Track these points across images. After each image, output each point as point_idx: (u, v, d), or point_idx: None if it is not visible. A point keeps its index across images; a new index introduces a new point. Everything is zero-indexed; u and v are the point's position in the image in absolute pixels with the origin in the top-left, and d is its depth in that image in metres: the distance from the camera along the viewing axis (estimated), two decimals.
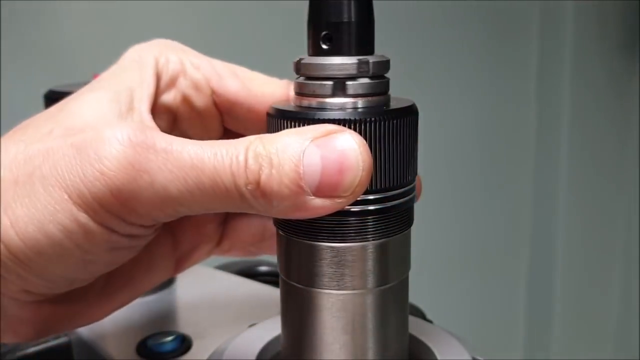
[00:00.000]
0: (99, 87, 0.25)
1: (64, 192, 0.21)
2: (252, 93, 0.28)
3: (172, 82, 0.28)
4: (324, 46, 0.23)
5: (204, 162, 0.21)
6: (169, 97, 0.28)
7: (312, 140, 0.21)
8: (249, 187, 0.21)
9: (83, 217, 0.21)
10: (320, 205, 0.21)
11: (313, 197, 0.21)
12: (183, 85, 0.28)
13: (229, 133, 0.30)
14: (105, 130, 0.22)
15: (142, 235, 0.24)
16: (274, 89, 0.28)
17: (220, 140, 0.22)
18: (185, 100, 0.28)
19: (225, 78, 0.28)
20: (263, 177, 0.21)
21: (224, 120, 0.29)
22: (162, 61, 0.27)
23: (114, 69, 0.27)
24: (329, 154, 0.21)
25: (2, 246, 0.21)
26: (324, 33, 0.23)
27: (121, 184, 0.21)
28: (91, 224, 0.22)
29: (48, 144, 0.22)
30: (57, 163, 0.21)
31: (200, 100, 0.28)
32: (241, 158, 0.21)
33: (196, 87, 0.28)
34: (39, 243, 0.21)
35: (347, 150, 0.21)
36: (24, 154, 0.22)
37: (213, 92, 0.28)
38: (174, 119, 0.29)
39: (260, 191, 0.21)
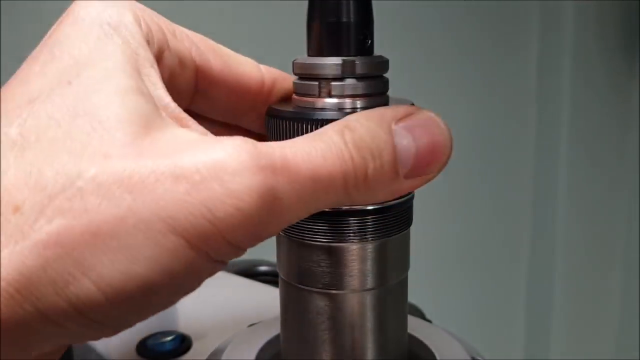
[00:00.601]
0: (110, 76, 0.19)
1: (178, 237, 0.17)
2: (232, 72, 0.24)
3: (159, 57, 0.22)
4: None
5: (320, 173, 0.19)
6: None
7: (396, 123, 0.20)
8: (357, 184, 0.20)
9: (197, 259, 0.18)
10: (409, 186, 0.21)
11: (404, 179, 0.20)
12: (169, 60, 0.22)
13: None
14: (226, 150, 0.18)
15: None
16: (250, 69, 0.25)
17: (310, 137, 0.19)
18: (171, 80, 0.23)
19: (206, 52, 0.24)
20: (370, 172, 0.20)
21: (193, 102, 0.25)
22: (144, 27, 0.21)
23: (92, 43, 0.19)
24: (420, 135, 0.20)
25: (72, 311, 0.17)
26: (320, 33, 0.23)
27: (257, 216, 0.18)
28: (204, 263, 0.18)
29: (132, 169, 0.17)
30: (160, 200, 0.17)
31: (183, 79, 0.23)
32: (347, 156, 0.19)
33: (182, 63, 0.23)
34: (132, 295, 0.17)
35: (435, 128, 0.20)
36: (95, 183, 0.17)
37: (197, 69, 0.24)
38: None
39: (365, 185, 0.20)
